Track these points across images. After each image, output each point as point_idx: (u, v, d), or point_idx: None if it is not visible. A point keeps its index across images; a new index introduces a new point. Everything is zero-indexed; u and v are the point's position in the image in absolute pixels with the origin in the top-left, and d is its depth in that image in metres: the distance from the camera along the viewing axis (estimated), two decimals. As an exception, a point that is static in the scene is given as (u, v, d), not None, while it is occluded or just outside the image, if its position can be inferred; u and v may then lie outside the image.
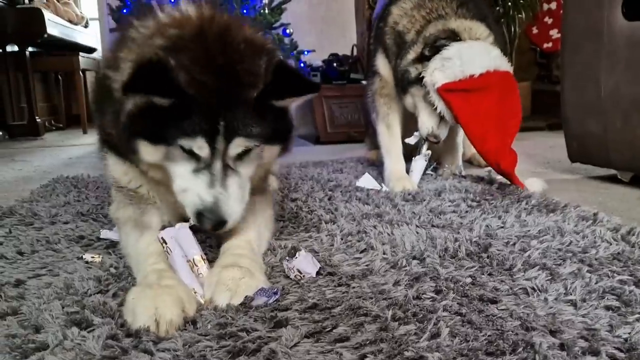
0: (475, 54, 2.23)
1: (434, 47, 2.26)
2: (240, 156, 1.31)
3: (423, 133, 2.37)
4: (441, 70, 2.23)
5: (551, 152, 3.45)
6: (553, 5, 5.48)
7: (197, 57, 1.25)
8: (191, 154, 1.26)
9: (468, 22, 2.32)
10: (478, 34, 2.30)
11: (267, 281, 1.25)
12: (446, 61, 2.22)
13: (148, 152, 1.29)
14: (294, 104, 1.42)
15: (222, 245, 1.40)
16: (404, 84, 2.39)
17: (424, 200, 2.07)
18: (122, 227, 1.49)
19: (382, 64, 2.61)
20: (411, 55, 2.35)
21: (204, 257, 1.28)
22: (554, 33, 5.48)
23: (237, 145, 1.27)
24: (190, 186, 1.28)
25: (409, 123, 2.57)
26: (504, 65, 2.30)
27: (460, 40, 2.25)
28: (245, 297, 1.14)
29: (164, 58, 1.22)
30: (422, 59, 2.30)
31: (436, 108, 2.28)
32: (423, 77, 2.27)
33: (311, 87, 1.38)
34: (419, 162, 2.45)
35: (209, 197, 1.26)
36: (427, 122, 2.35)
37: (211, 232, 1.34)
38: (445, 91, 2.23)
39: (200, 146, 1.24)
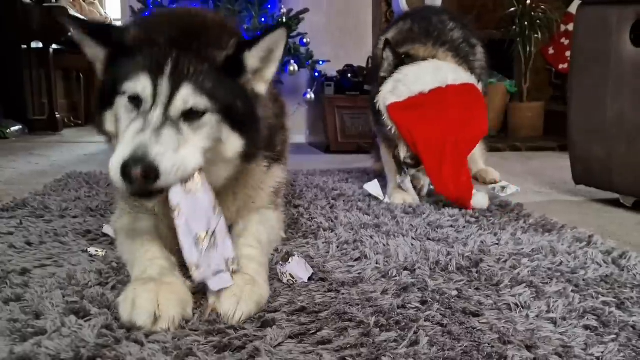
0: (424, 72, 2.23)
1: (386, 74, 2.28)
2: (190, 118, 1.19)
3: (401, 158, 2.35)
4: (392, 92, 2.25)
5: (558, 173, 3.45)
6: (570, 27, 5.48)
7: (157, 21, 1.33)
8: (135, 103, 1.18)
9: (424, 47, 2.34)
10: (435, 56, 2.31)
11: (269, 290, 1.24)
12: (397, 82, 2.25)
13: (109, 120, 1.28)
14: (265, 86, 1.36)
15: None
16: (375, 114, 2.40)
17: (424, 214, 2.10)
18: (118, 237, 1.50)
19: None
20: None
21: (225, 229, 1.20)
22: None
23: (185, 95, 1.17)
24: (121, 139, 1.14)
25: None
26: (463, 77, 2.29)
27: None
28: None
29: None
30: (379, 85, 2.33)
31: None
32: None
33: (276, 26, 1.32)
34: (406, 182, 2.41)
35: (134, 141, 1.09)
36: (401, 149, 2.34)
37: (140, 193, 1.13)
38: (393, 109, 2.22)
39: (144, 86, 1.17)
